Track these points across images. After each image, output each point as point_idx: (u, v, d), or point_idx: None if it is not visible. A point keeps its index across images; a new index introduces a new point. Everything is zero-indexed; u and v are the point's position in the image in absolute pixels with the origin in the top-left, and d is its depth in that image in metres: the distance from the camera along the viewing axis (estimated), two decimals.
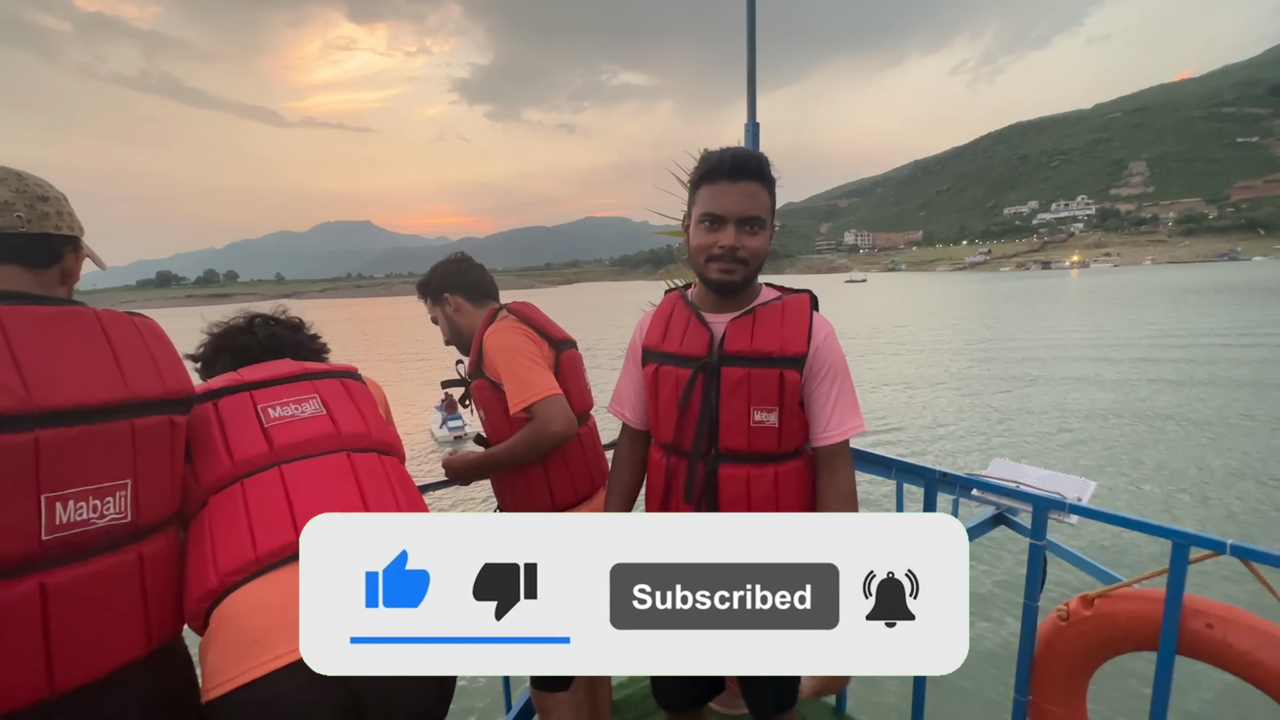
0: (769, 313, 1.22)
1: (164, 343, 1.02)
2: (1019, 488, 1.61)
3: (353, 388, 1.29)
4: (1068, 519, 1.51)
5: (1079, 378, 13.41)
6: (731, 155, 1.17)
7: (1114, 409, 10.52)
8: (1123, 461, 7.81)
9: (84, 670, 0.85)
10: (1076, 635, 1.50)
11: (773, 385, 1.17)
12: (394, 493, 1.15)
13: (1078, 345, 18.54)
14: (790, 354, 1.18)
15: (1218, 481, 6.92)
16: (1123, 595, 1.44)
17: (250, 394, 1.16)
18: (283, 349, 1.34)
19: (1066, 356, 16.39)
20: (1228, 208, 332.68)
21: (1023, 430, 9.57)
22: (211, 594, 0.98)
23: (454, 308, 1.77)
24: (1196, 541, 1.25)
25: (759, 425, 1.19)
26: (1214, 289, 43.90)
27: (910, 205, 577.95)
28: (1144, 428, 9.24)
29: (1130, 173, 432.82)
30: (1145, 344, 17.90)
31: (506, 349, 1.57)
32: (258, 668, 0.92)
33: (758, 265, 1.22)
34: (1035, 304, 38.12)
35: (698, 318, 1.26)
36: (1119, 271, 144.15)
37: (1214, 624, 1.28)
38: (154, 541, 0.96)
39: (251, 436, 1.11)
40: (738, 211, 1.16)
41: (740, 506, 1.21)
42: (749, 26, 2.31)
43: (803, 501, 1.25)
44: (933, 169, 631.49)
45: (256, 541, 1.00)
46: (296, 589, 0.93)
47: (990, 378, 13.90)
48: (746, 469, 1.21)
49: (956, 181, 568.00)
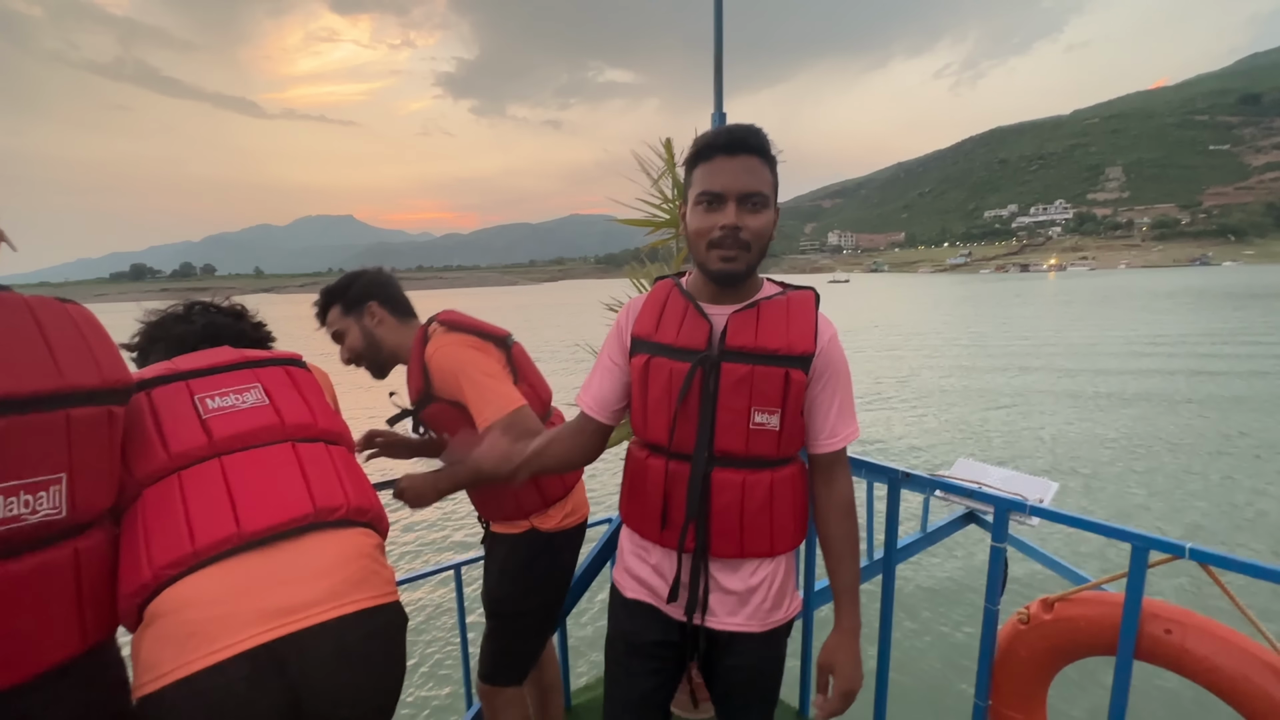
0: (774, 307, 1.14)
1: (100, 332, 0.98)
2: (980, 488, 1.58)
3: (297, 375, 1.24)
4: (1028, 521, 1.48)
5: (1052, 379, 13.62)
6: (728, 129, 1.08)
7: (1084, 411, 10.69)
8: (1088, 463, 7.91)
9: (13, 671, 0.81)
10: (1037, 639, 1.47)
11: (777, 385, 1.09)
12: (341, 484, 1.12)
13: (1052, 347, 18.87)
14: (798, 352, 1.10)
15: (1181, 486, 7.04)
16: (1083, 599, 1.41)
17: (186, 383, 1.12)
18: (222, 337, 1.28)
19: (1040, 358, 16.67)
20: (1200, 213, 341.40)
21: (994, 431, 9.68)
22: (145, 588, 0.93)
23: (377, 320, 1.61)
24: (1156, 545, 1.22)
25: (759, 428, 1.10)
26: (1186, 294, 44.97)
27: (893, 207, 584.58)
28: (1112, 431, 9.39)
29: (1107, 178, 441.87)
30: (1118, 347, 18.27)
31: (462, 364, 1.47)
32: (194, 661, 0.88)
33: (761, 250, 1.11)
34: (1014, 306, 38.78)
35: (696, 308, 1.16)
36: (1095, 275, 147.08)
37: (1172, 629, 1.26)
38: (90, 536, 0.93)
39: (188, 428, 1.06)
40: (738, 187, 1.06)
41: (733, 516, 1.13)
42: (716, 16, 2.26)
43: (797, 512, 1.18)
44: (915, 171, 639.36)
45: (195, 535, 0.96)
46: (239, 582, 0.93)
47: (966, 377, 14.07)
48: (742, 474, 1.12)
49: (938, 184, 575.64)
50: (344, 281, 1.66)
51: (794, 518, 1.18)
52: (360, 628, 0.99)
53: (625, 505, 1.27)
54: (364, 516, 1.12)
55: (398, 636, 1.08)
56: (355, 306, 1.62)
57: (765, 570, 1.17)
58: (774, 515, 1.14)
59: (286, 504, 1.03)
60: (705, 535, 1.14)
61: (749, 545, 1.14)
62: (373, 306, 1.61)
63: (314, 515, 1.04)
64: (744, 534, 1.13)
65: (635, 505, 1.23)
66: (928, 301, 47.48)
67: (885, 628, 1.74)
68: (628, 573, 1.27)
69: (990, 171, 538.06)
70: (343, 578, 1.01)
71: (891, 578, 1.75)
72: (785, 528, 1.16)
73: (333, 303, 1.64)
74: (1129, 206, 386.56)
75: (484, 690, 1.67)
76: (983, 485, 1.59)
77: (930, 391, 12.66)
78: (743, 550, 1.14)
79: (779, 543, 1.16)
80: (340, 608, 0.98)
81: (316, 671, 0.94)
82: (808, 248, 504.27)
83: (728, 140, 1.07)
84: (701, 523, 1.13)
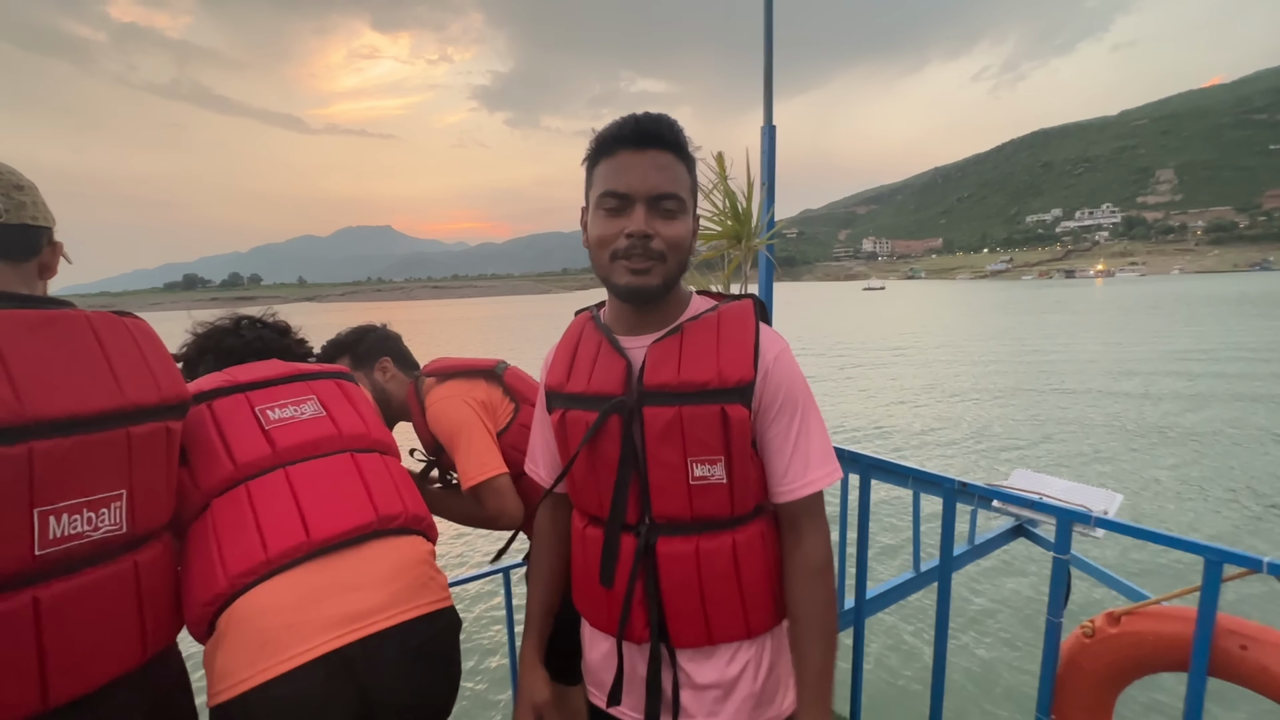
0: (700, 329, 0.93)
1: (157, 346, 0.99)
2: (1041, 499, 1.57)
3: (348, 388, 1.28)
4: (1093, 533, 1.47)
5: (1105, 389, 13.13)
6: (635, 119, 0.90)
7: (1143, 421, 10.28)
8: (1150, 474, 7.61)
9: (78, 683, 0.83)
10: (1102, 653, 1.44)
11: (713, 427, 0.88)
12: (398, 491, 1.15)
13: (1104, 355, 18.19)
14: (732, 382, 0.88)
15: (1251, 497, 6.71)
16: (1152, 613, 1.39)
17: (245, 395, 1.13)
18: (270, 352, 1.32)
19: (1092, 366, 16.08)
20: (1259, 216, 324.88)
21: (1046, 440, 9.38)
22: (220, 597, 0.96)
23: (389, 375, 1.68)
24: (1231, 558, 1.19)
25: (702, 483, 0.89)
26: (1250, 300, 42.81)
27: (930, 212, 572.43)
28: (1174, 441, 9.01)
29: (1157, 180, 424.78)
30: (1176, 355, 17.51)
31: (452, 426, 1.52)
32: (272, 668, 0.91)
33: (680, 263, 0.92)
34: (1059, 313, 37.52)
35: (610, 343, 0.97)
36: (1145, 281, 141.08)
37: (1248, 645, 1.23)
38: (149, 550, 0.94)
39: (252, 439, 1.08)
40: (647, 187, 0.87)
41: (690, 592, 0.92)
42: (766, 28, 2.30)
43: (772, 578, 0.97)
44: (953, 176, 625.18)
45: (267, 543, 0.98)
46: (309, 589, 0.97)
47: (1012, 387, 13.67)
48: (694, 541, 0.92)
49: (978, 189, 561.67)
50: (353, 335, 1.70)
51: (771, 586, 0.96)
52: (422, 632, 1.03)
53: (574, 587, 1.09)
54: (419, 524, 1.16)
55: (454, 640, 1.12)
56: (366, 361, 1.67)
57: (746, 655, 0.96)
58: (744, 586, 0.93)
59: (351, 512, 1.06)
60: (660, 620, 0.94)
61: (718, 628, 0.93)
62: (385, 362, 1.68)
63: (376, 523, 1.07)
64: (709, 614, 0.92)
65: (580, 584, 1.05)
66: (969, 308, 46.31)
67: (940, 640, 1.73)
68: (586, 662, 1.10)
69: (1033, 175, 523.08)
70: (405, 584, 1.04)
71: (948, 588, 1.73)
72: (761, 600, 0.95)
73: (340, 355, 1.68)
74: (1181, 210, 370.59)
75: None
76: (1043, 496, 1.57)
77: (968, 399, 12.35)
78: (710, 635, 0.93)
79: (757, 620, 0.95)
80: (403, 613, 1.02)
81: (384, 675, 0.98)
82: (842, 254, 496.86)
83: (634, 131, 0.89)
84: (654, 605, 0.93)
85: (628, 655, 1.00)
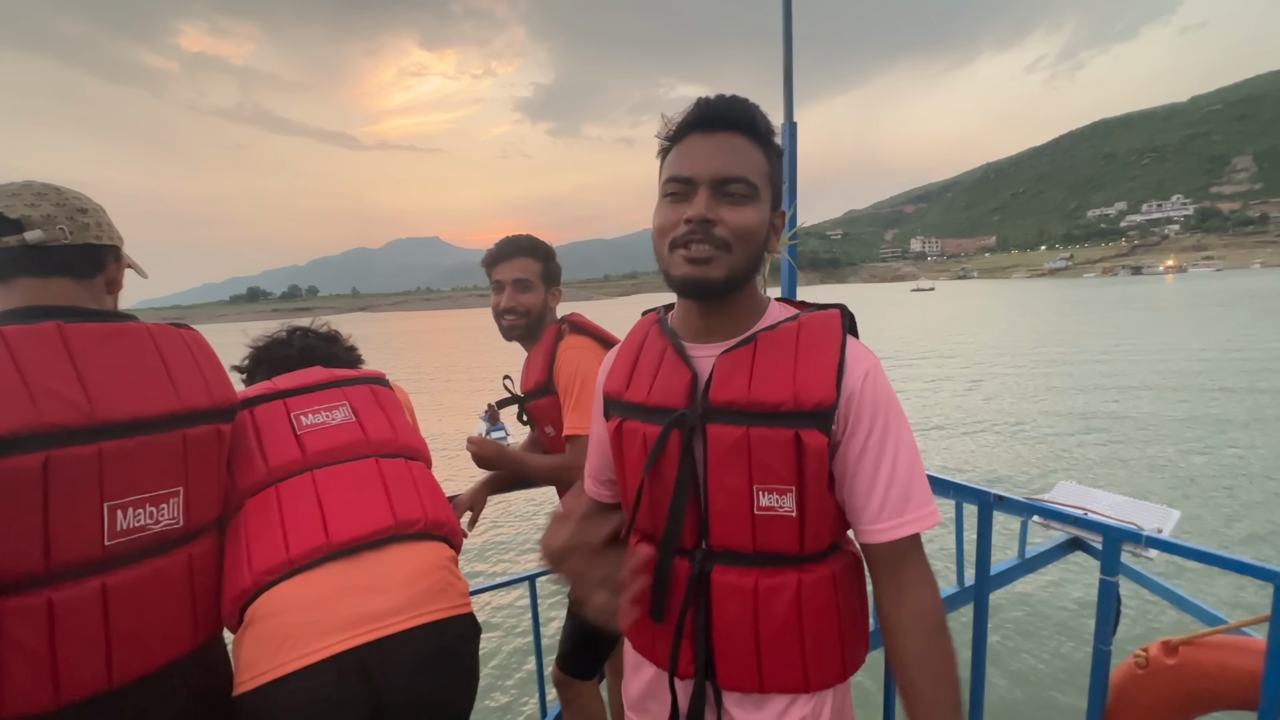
0: (776, 340, 0.83)
1: (208, 354, 1.07)
2: (1086, 515, 1.44)
3: (381, 394, 1.33)
4: (1145, 554, 1.34)
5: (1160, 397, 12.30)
6: (705, 101, 0.83)
7: (1207, 433, 9.55)
8: (1209, 491, 7.04)
9: (138, 664, 0.89)
10: (1157, 686, 1.32)
11: (785, 453, 0.78)
12: (419, 497, 1.19)
13: (1162, 362, 17.06)
14: (809, 405, 0.77)
15: None
16: (1213, 643, 1.26)
17: (283, 402, 1.21)
18: (315, 359, 1.39)
19: (1151, 374, 15.10)
20: None
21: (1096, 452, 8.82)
22: (245, 593, 1.02)
23: (556, 299, 1.77)
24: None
25: (768, 513, 0.79)
26: None
27: (982, 210, 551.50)
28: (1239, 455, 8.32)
29: (1234, 168, 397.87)
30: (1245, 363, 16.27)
31: (576, 375, 1.58)
32: (289, 663, 0.96)
33: (750, 257, 0.82)
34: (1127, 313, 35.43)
35: (676, 350, 0.88)
36: (1222, 276, 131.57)
37: None
38: (201, 543, 1.01)
39: (285, 443, 1.15)
40: (711, 170, 0.79)
41: (744, 631, 0.82)
42: (785, 22, 2.25)
43: (847, 628, 0.85)
44: (1007, 171, 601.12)
45: (289, 544, 1.04)
46: (328, 589, 1.02)
47: (1064, 392, 12.97)
48: (754, 575, 0.82)
49: (1034, 183, 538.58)
50: (548, 250, 1.75)
51: (840, 637, 0.84)
52: (437, 637, 1.06)
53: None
54: (440, 530, 1.19)
55: (471, 647, 1.14)
56: (552, 280, 1.75)
57: (802, 710, 0.84)
58: (806, 633, 0.82)
59: (370, 516, 1.10)
60: (708, 657, 0.84)
61: (771, 676, 0.83)
62: (559, 290, 1.77)
63: (395, 527, 1.11)
64: (763, 658, 0.82)
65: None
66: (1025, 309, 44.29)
67: (979, 662, 1.62)
68: (626, 687, 1.02)
69: (1094, 168, 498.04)
70: (423, 588, 1.08)
71: (984, 607, 1.62)
72: (826, 652, 0.84)
73: (535, 258, 1.71)
74: (1261, 199, 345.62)
75: (560, 679, 1.72)
76: (1088, 511, 1.45)
77: (1013, 408, 11.77)
78: (762, 683, 0.83)
79: (818, 673, 0.83)
80: (418, 617, 1.04)
81: (397, 677, 1.01)
82: (888, 255, 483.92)
83: (702, 114, 0.82)
84: (703, 641, 0.84)
85: (666, 687, 0.92)
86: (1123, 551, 1.40)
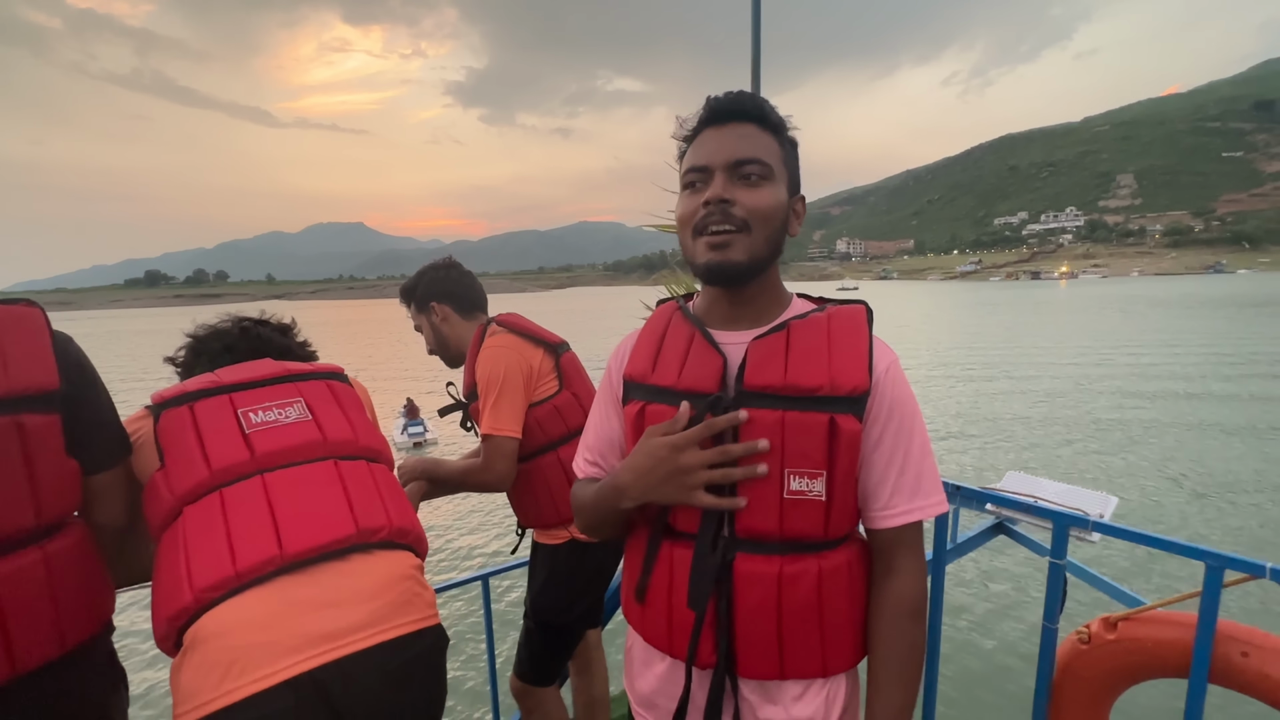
0: (809, 329, 0.86)
1: (20, 332, 0.91)
2: (1037, 503, 1.54)
3: (338, 390, 1.21)
4: (1089, 537, 1.44)
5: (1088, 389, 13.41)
6: (714, 99, 0.88)
7: (1129, 423, 10.46)
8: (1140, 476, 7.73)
9: None
10: (1099, 659, 1.42)
11: (819, 437, 0.80)
12: (383, 502, 1.09)
13: (1083, 357, 18.61)
14: (846, 391, 0.80)
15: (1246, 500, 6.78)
16: (1150, 618, 1.37)
17: (229, 397, 1.08)
18: (267, 352, 1.26)
19: (1070, 367, 16.45)
20: (1214, 221, 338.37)
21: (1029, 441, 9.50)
22: (185, 611, 0.90)
23: (441, 317, 1.71)
24: (1233, 564, 1.17)
25: (798, 497, 0.81)
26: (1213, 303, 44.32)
27: (902, 214, 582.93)
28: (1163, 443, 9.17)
29: (1118, 185, 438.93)
30: (1155, 357, 17.97)
31: (495, 373, 1.56)
32: (237, 690, 0.85)
33: (770, 240, 0.85)
34: (1031, 314, 38.39)
35: (704, 336, 0.89)
36: (1107, 283, 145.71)
37: (1250, 651, 1.21)
38: (12, 560, 0.88)
39: (231, 443, 1.02)
40: (725, 155, 0.83)
41: (767, 621, 0.83)
42: (754, 28, 2.26)
43: (858, 613, 0.88)
44: (924, 178, 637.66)
45: (236, 556, 0.92)
46: (281, 606, 0.91)
47: (994, 391, 13.88)
48: (778, 563, 0.83)
49: (948, 191, 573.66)
50: (412, 281, 1.75)
51: (854, 622, 0.88)
52: (403, 653, 0.97)
53: (626, 599, 0.98)
54: (405, 538, 1.09)
55: (439, 660, 1.06)
56: (423, 306, 1.74)
57: (818, 695, 0.87)
58: (825, 620, 0.84)
59: (329, 524, 0.99)
60: (729, 646, 0.85)
61: (791, 662, 0.84)
62: (435, 306, 1.71)
63: (357, 536, 1.01)
64: (784, 646, 0.84)
65: (631, 598, 0.96)
66: (940, 308, 47.18)
67: (933, 638, 1.70)
68: (634, 683, 1.00)
69: (1000, 179, 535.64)
70: (386, 601, 0.98)
71: (940, 585, 1.70)
72: (842, 637, 0.86)
73: (406, 302, 1.78)
74: (1141, 214, 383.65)
75: (519, 689, 1.68)
76: (1038, 499, 1.55)
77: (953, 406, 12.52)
78: (783, 670, 0.85)
79: (834, 657, 0.86)
80: (384, 633, 0.96)
81: (361, 698, 0.92)
82: (816, 255, 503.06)
83: (713, 110, 0.87)
84: (724, 629, 0.85)
85: (682, 678, 0.91)
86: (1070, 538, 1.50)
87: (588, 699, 1.86)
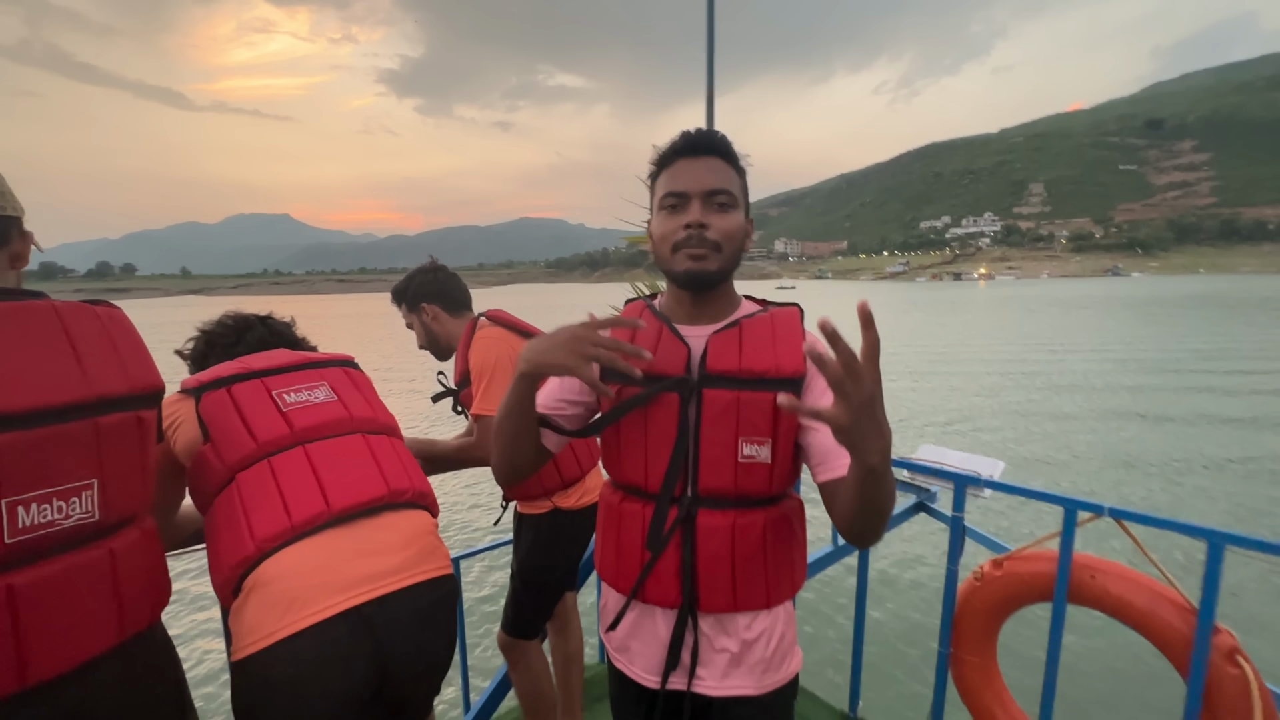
0: (757, 325, 1.04)
1: (129, 335, 0.99)
2: (943, 468, 1.86)
3: (354, 375, 1.39)
4: (982, 493, 1.77)
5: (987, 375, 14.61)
6: (689, 134, 1.04)
7: (1023, 404, 11.59)
8: (1026, 446, 8.75)
9: (55, 663, 0.85)
10: (989, 593, 1.75)
11: (766, 411, 0.98)
12: (405, 470, 1.27)
13: (988, 350, 20.13)
14: (787, 374, 0.99)
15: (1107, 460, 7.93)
16: (1026, 556, 1.70)
17: (261, 381, 1.23)
18: (278, 344, 1.42)
19: (978, 359, 17.80)
20: (1112, 228, 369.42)
21: (947, 425, 10.40)
22: (248, 560, 1.06)
23: (431, 316, 1.88)
24: (1082, 506, 1.51)
25: (749, 461, 0.99)
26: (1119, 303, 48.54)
27: (836, 216, 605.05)
28: (1042, 422, 10.23)
29: (1030, 193, 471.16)
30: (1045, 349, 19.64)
31: (487, 361, 1.73)
32: (299, 621, 1.01)
33: (733, 254, 1.03)
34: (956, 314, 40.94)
35: (671, 330, 1.06)
36: (1021, 284, 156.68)
37: (1095, 575, 1.55)
38: (124, 536, 0.95)
39: (272, 420, 1.18)
40: (701, 185, 1.00)
41: (723, 565, 1.01)
42: (709, 30, 2.49)
43: (794, 556, 1.07)
44: (857, 182, 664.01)
45: (291, 512, 1.09)
46: (332, 552, 1.08)
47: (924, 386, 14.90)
48: (731, 516, 1.00)
49: (879, 195, 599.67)
50: (402, 283, 1.91)
51: (790, 563, 1.06)
52: (431, 594, 1.16)
53: (601, 558, 1.14)
54: (424, 500, 1.29)
55: (454, 602, 1.25)
56: (414, 306, 1.88)
57: (762, 624, 1.05)
58: (768, 561, 1.03)
59: (365, 486, 1.17)
60: (693, 588, 1.02)
61: (742, 597, 1.02)
62: (425, 307, 1.88)
63: (388, 496, 1.19)
64: (736, 584, 1.01)
65: (612, 558, 1.10)
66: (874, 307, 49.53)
67: (860, 595, 2.00)
68: (608, 632, 1.15)
69: (926, 184, 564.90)
70: (415, 551, 1.16)
71: (866, 555, 2.01)
72: (782, 574, 1.05)
73: (398, 302, 1.90)
74: (1050, 220, 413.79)
75: (506, 642, 1.86)
76: (944, 465, 1.87)
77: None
78: (735, 603, 1.02)
79: (775, 592, 1.04)
80: (414, 576, 1.13)
81: (398, 630, 1.09)
82: (755, 255, 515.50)
83: (689, 143, 1.03)
84: (689, 572, 1.02)
85: (656, 622, 1.06)
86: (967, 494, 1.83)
87: (565, 654, 2.05)
